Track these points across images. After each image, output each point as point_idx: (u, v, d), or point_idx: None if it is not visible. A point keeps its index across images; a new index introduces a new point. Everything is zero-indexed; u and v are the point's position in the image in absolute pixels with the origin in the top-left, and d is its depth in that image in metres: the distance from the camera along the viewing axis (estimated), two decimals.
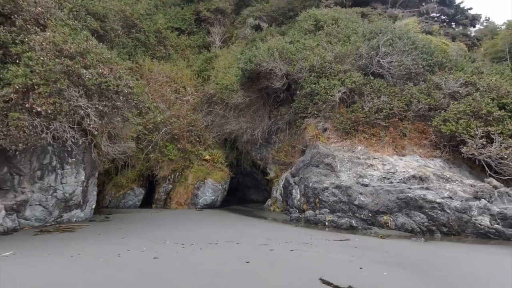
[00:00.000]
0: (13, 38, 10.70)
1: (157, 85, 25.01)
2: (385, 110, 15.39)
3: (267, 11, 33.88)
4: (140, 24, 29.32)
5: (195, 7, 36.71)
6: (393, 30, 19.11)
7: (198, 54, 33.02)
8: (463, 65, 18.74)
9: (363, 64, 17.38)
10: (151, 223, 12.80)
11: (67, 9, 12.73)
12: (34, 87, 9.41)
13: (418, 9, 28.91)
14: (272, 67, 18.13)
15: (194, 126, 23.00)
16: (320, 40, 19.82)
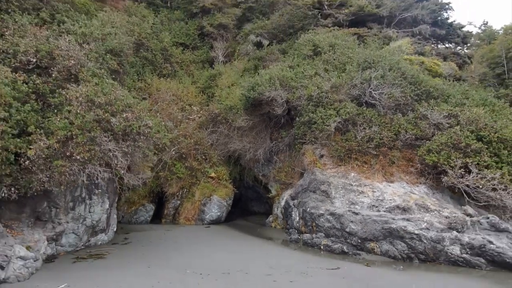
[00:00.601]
0: (50, 89, 12.36)
1: (165, 104, 26.55)
2: (376, 140, 17.09)
3: (268, 29, 35.43)
4: (147, 43, 30.84)
5: (199, 22, 38.25)
6: (385, 60, 20.76)
7: (202, 69, 34.60)
8: (449, 92, 20.39)
9: (357, 94, 19.06)
10: (168, 245, 14.50)
11: (93, 57, 14.35)
12: (73, 136, 11.07)
13: (411, 29, 30.53)
14: (274, 95, 19.81)
15: (200, 144, 24.65)
16: (318, 67, 21.44)
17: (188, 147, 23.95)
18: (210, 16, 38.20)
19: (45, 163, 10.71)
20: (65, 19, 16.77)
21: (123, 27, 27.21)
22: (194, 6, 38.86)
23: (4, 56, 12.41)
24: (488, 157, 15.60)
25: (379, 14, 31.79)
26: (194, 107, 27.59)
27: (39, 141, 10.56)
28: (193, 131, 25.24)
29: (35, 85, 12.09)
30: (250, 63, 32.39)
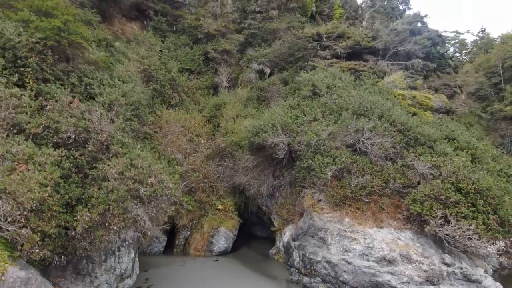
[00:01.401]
0: (87, 160, 14.47)
1: (174, 137, 28.64)
2: (368, 188, 19.25)
3: (269, 57, 37.49)
4: (156, 74, 32.84)
5: (203, 47, 40.28)
6: (377, 106, 22.90)
7: (208, 96, 36.69)
8: (435, 137, 22.51)
9: (351, 142, 21.19)
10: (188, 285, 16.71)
11: (120, 126, 16.41)
12: (110, 208, 13.20)
13: (405, 63, 32.59)
14: (277, 141, 21.94)
15: (208, 177, 26.81)
16: (316, 112, 23.53)
17: (197, 181, 26.10)
18: (214, 42, 40.15)
19: (87, 233, 12.83)
20: (91, 81, 18.83)
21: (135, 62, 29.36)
22: (199, 31, 40.85)
23: (47, 132, 14.49)
24: (466, 208, 17.76)
25: (375, 47, 33.82)
26: (201, 139, 29.67)
27: (84, 215, 12.68)
28: (201, 164, 27.36)
29: (75, 159, 14.19)
30: (253, 92, 34.45)
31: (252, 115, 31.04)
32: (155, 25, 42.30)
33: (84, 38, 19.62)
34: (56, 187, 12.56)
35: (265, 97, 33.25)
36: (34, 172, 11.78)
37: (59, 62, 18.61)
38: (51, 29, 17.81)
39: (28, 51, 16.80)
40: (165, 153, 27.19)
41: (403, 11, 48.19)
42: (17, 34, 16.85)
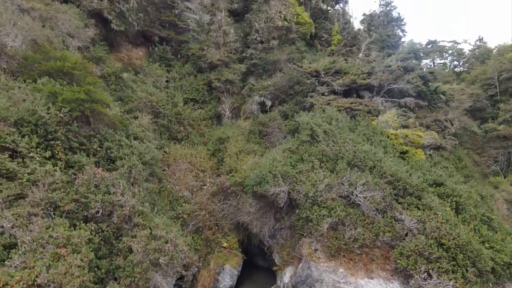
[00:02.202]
0: (112, 231, 16.56)
1: (181, 174, 30.74)
2: (360, 241, 21.39)
3: (270, 90, 39.54)
4: (163, 110, 34.89)
5: (207, 76, 42.27)
6: (369, 157, 25.01)
7: (212, 126, 38.75)
8: (423, 187, 24.63)
9: (346, 194, 23.31)
10: None
11: (140, 197, 18.49)
12: (135, 280, 15.31)
13: (398, 100, 34.64)
14: (278, 191, 24.04)
15: (213, 215, 28.93)
16: (314, 160, 25.61)
17: (204, 220, 28.21)
18: (218, 71, 42.13)
19: None
20: (111, 145, 20.88)
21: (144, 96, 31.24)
22: (203, 61, 42.87)
23: (78, 207, 16.57)
24: (447, 263, 19.93)
25: (370, 84, 35.86)
26: (206, 174, 31.76)
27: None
28: (207, 202, 29.47)
29: (102, 231, 16.28)
30: (255, 126, 36.52)
31: (254, 152, 33.20)
32: (160, 54, 44.16)
33: (104, 104, 21.64)
34: (90, 264, 14.64)
35: (266, 132, 35.35)
36: (72, 256, 13.85)
37: (82, 126, 20.61)
38: (75, 101, 19.81)
39: (56, 125, 18.82)
40: (173, 191, 29.37)
41: (398, 39, 50.24)
42: (47, 109, 18.86)
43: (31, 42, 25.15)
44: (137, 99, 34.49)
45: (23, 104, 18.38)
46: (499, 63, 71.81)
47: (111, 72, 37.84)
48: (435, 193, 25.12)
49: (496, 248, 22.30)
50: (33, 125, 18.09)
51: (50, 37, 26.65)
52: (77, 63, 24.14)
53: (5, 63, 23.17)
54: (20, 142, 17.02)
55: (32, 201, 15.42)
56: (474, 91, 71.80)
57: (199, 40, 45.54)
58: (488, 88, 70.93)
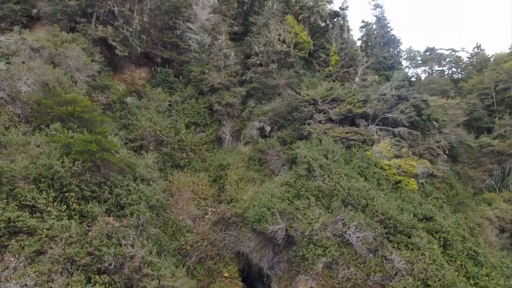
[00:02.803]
0: (125, 283, 18.07)
1: (184, 204, 32.25)
2: (352, 281, 22.96)
3: (269, 115, 40.96)
4: (167, 139, 36.33)
5: (208, 99, 43.67)
6: (362, 195, 26.57)
7: (213, 150, 40.21)
8: (413, 224, 26.19)
9: (340, 233, 24.86)
10: None
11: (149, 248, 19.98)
12: None
13: (392, 129, 36.14)
14: (276, 229, 25.60)
15: (215, 245, 30.47)
16: (311, 198, 27.16)
17: (206, 250, 29.76)
18: (218, 94, 43.50)
19: None
20: (120, 191, 22.36)
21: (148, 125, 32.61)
22: (204, 84, 44.29)
23: (92, 259, 18.07)
24: None
25: (366, 112, 37.34)
26: (208, 202, 33.26)
27: None
28: (208, 232, 31.02)
29: (115, 283, 17.80)
30: (254, 152, 38.01)
31: (254, 180, 34.71)
32: (162, 77, 45.49)
33: (114, 151, 23.12)
34: None
35: (266, 159, 36.86)
36: None
37: (93, 174, 22.07)
38: (87, 152, 21.26)
39: (70, 177, 20.30)
40: (177, 221, 30.90)
41: (394, 61, 51.70)
42: (62, 162, 20.33)
43: (42, 84, 26.56)
44: (141, 127, 35.94)
45: (40, 159, 19.83)
46: (495, 73, 73.18)
47: (116, 98, 39.25)
48: (425, 229, 26.67)
49: (481, 284, 23.93)
50: (49, 179, 19.56)
51: (60, 78, 28.03)
52: (86, 107, 25.63)
53: (19, 109, 24.63)
54: (38, 198, 18.50)
55: (52, 257, 16.92)
56: (471, 100, 73.23)
57: (200, 60, 46.88)
58: (485, 98, 72.28)
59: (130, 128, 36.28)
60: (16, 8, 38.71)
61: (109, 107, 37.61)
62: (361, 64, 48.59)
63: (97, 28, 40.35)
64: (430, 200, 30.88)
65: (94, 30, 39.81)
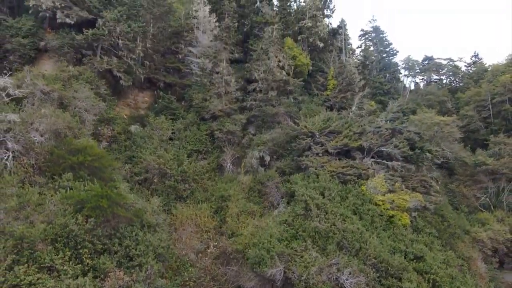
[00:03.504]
0: None
1: (188, 238, 33.80)
2: None
3: (269, 145, 42.46)
4: (170, 171, 37.83)
5: (209, 126, 45.14)
6: (356, 237, 28.18)
7: (215, 178, 41.69)
8: (404, 266, 27.81)
9: (334, 278, 26.49)
10: None
11: None
12: None
13: (387, 163, 37.71)
14: (274, 272, 27.21)
15: (217, 280, 32.08)
16: (307, 241, 28.75)
17: (208, 285, 31.38)
18: (220, 121, 44.96)
19: None
20: (129, 243, 23.90)
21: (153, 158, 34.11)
22: (206, 111, 45.74)
23: None
24: None
25: (361, 146, 38.89)
26: (210, 236, 34.79)
27: None
28: (210, 266, 32.61)
29: None
30: (255, 183, 39.51)
31: (254, 212, 36.26)
32: (165, 103, 46.90)
33: (123, 203, 24.66)
34: None
35: (265, 191, 38.43)
36: None
37: (103, 227, 23.61)
38: (99, 207, 22.80)
39: (84, 233, 21.84)
40: (180, 256, 32.47)
41: (390, 86, 53.14)
42: (75, 219, 21.87)
43: (54, 132, 28.00)
44: (145, 160, 37.47)
45: (56, 219, 21.35)
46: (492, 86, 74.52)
47: (121, 129, 40.68)
48: (415, 269, 28.30)
49: None
50: (65, 238, 21.12)
51: (70, 122, 29.46)
52: (96, 155, 27.17)
53: (33, 160, 26.10)
54: (55, 258, 20.05)
55: None
56: (468, 112, 74.61)
57: (202, 85, 48.16)
58: (481, 109, 73.68)
59: (135, 160, 37.77)
60: (25, 42, 40.11)
61: (115, 139, 39.07)
62: (358, 90, 50.14)
63: (103, 60, 41.80)
64: (422, 237, 32.47)
65: (99, 63, 41.27)
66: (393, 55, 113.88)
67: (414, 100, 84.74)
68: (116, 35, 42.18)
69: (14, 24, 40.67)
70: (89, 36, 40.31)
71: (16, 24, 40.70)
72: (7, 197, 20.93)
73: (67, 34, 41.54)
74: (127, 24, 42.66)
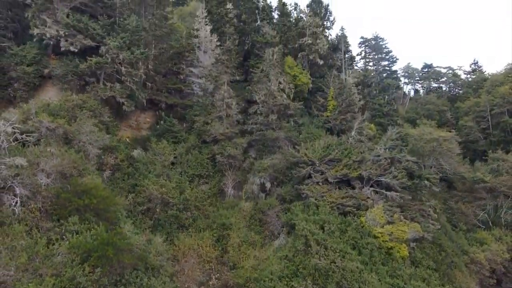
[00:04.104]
0: None
1: (190, 269, 34.47)
2: None
3: (269, 172, 43.06)
4: (172, 200, 38.47)
5: (211, 150, 45.70)
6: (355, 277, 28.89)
7: (216, 204, 42.31)
8: None
9: None
10: None
11: None
12: None
13: (386, 192, 38.37)
14: None
15: None
16: (307, 280, 29.45)
17: None
18: (221, 145, 45.47)
19: None
20: None
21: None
22: (207, 135, 46.29)
23: None
24: None
25: (361, 175, 39.54)
26: (212, 269, 35.48)
27: None
28: None
29: None
30: (255, 211, 40.21)
31: (255, 243, 36.91)
32: (167, 126, 47.39)
33: (129, 248, 25.31)
34: None
35: (266, 220, 39.11)
36: None
37: (109, 274, 24.25)
38: (105, 257, 23.45)
39: (91, 285, 22.48)
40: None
41: (390, 109, 53.72)
42: (82, 270, 22.50)
43: (61, 173, 28.57)
44: (148, 189, 38.08)
45: (64, 270, 21.96)
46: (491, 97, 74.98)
47: (124, 156, 41.15)
48: None
49: None
50: None
51: (75, 161, 30.02)
52: (101, 197, 27.80)
53: (40, 203, 26.68)
54: None
55: None
56: (467, 123, 74.95)
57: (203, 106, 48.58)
58: (481, 120, 74.12)
59: (138, 189, 38.33)
60: (29, 70, 40.65)
61: (118, 167, 39.59)
62: (358, 111, 50.71)
63: (106, 87, 42.34)
64: (420, 271, 33.16)
65: (103, 90, 41.79)
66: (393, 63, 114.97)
67: (414, 109, 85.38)
68: (119, 62, 42.62)
69: (18, 52, 41.11)
70: (92, 64, 40.78)
71: (21, 52, 41.15)
72: (17, 251, 21.49)
73: (70, 61, 42.02)
74: (130, 51, 43.08)
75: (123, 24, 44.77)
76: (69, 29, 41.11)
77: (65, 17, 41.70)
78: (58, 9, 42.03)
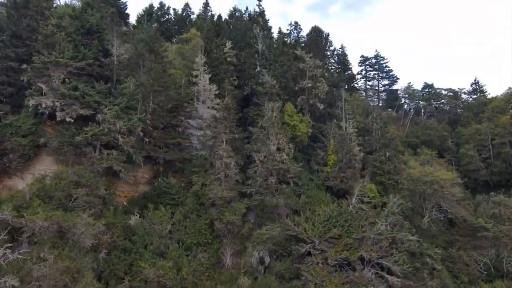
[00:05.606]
0: None
1: None
2: None
3: (268, 246, 42.44)
4: (169, 282, 37.82)
5: (209, 215, 45.00)
6: None
7: (214, 276, 41.78)
8: None
9: None
10: None
11: None
12: None
13: (386, 276, 37.89)
14: None
15: None
16: None
17: None
18: (220, 211, 44.70)
19: None
20: None
21: None
22: (205, 199, 45.48)
23: None
24: None
25: (361, 256, 39.02)
26: None
27: None
28: None
29: None
30: None
31: None
32: (165, 188, 46.57)
33: None
34: None
35: None
36: None
37: None
38: None
39: None
40: None
41: (391, 167, 52.96)
42: None
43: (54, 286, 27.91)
44: (145, 270, 37.40)
45: None
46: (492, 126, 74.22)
47: (121, 230, 40.29)
48: None
49: None
50: None
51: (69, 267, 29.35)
52: None
53: None
54: None
55: None
56: (468, 152, 74.15)
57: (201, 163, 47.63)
58: (482, 149, 73.37)
59: (134, 270, 37.57)
60: (24, 142, 39.61)
61: (114, 245, 38.74)
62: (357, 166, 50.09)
63: (102, 157, 41.37)
64: None
65: (99, 161, 40.80)
66: (394, 82, 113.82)
67: (414, 133, 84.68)
68: (116, 131, 41.62)
69: (14, 122, 39.98)
70: (88, 136, 39.78)
71: (16, 122, 40.03)
72: None
73: (66, 130, 40.98)
74: (128, 117, 42.08)
75: (120, 88, 43.64)
76: (65, 99, 39.97)
77: (61, 85, 40.57)
78: (55, 76, 40.81)
